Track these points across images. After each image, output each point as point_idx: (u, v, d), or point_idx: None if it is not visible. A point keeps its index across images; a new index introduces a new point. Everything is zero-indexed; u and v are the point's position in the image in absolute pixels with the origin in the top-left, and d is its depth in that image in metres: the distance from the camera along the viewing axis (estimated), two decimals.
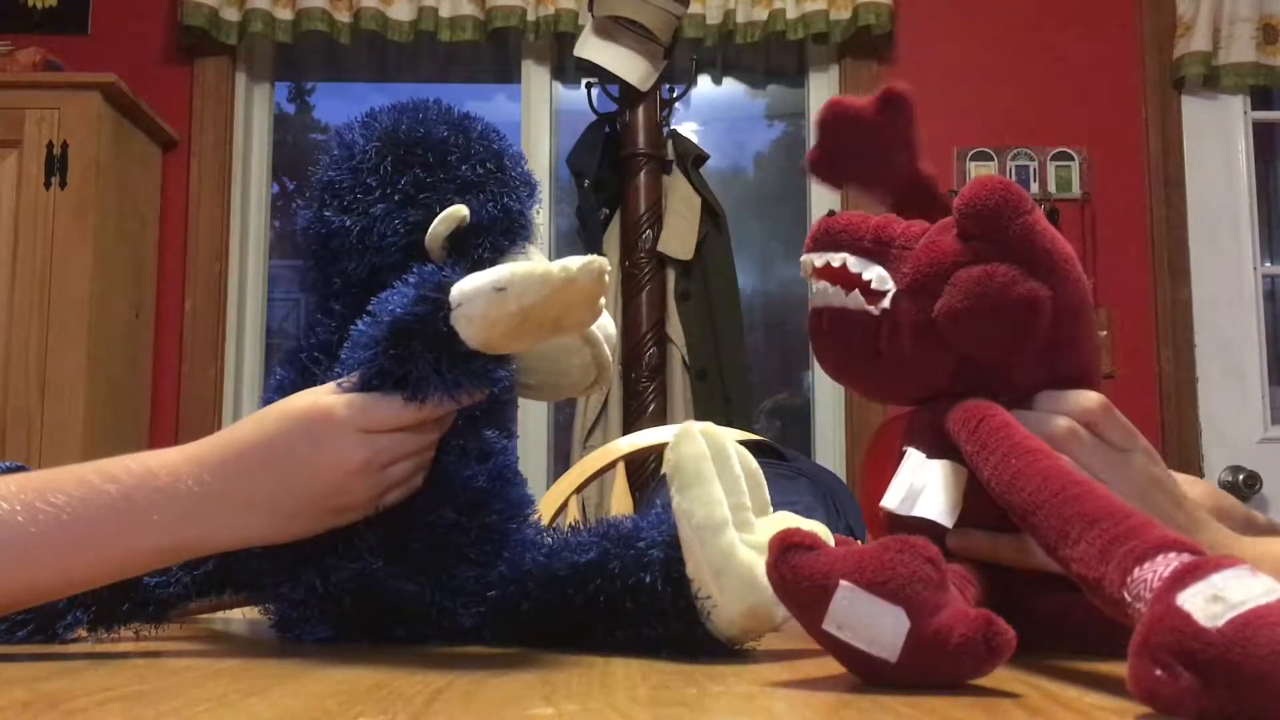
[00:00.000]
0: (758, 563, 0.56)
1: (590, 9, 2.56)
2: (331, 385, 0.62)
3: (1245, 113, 2.80)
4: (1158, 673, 0.37)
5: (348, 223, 0.68)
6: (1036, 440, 0.54)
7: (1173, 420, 2.68)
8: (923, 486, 0.58)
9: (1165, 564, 0.41)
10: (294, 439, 0.60)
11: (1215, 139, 2.78)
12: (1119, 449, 0.60)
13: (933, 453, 0.61)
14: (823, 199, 2.84)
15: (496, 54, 2.94)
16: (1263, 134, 2.88)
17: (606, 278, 0.57)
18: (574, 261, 0.55)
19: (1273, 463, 2.66)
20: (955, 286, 0.57)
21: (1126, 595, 0.42)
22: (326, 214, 0.70)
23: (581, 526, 0.68)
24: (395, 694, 0.44)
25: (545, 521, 1.06)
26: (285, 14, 2.70)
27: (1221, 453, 2.68)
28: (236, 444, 0.61)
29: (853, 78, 2.81)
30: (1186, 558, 0.42)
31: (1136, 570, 0.42)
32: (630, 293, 2.50)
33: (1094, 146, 2.76)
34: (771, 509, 0.63)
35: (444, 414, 0.61)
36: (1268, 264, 2.84)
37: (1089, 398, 0.60)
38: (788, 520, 0.60)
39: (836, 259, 0.62)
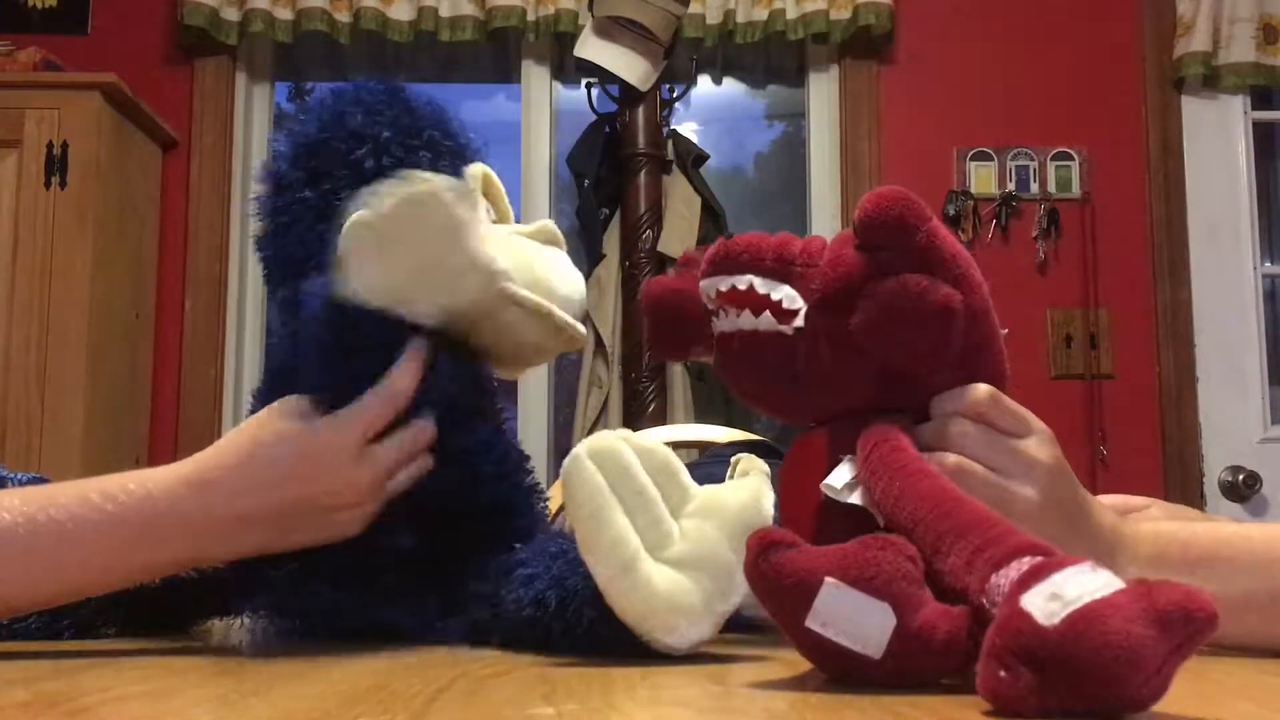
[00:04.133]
0: (679, 580, 0.55)
1: (590, 9, 2.56)
2: (293, 401, 0.63)
3: (1245, 113, 2.80)
4: (1001, 674, 0.38)
5: (289, 245, 0.69)
6: (923, 464, 0.54)
7: (1173, 420, 2.67)
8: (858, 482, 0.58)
9: (1017, 568, 0.42)
10: (295, 460, 0.63)
11: (1215, 139, 2.78)
12: (1012, 435, 0.60)
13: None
14: (823, 199, 2.84)
15: (496, 54, 2.94)
16: (1263, 134, 2.88)
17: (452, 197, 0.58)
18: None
19: (1273, 463, 2.66)
20: (871, 299, 0.56)
21: (985, 602, 0.43)
22: (271, 237, 0.71)
23: (543, 544, 0.66)
24: (395, 694, 0.44)
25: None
26: (285, 14, 2.70)
27: (1221, 453, 2.68)
28: (232, 461, 0.63)
29: (853, 78, 2.81)
30: (1032, 561, 0.42)
31: (993, 577, 0.43)
32: (630, 293, 2.50)
33: (1094, 146, 2.76)
34: (694, 488, 0.61)
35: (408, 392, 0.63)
36: (1268, 264, 2.84)
37: (975, 390, 0.60)
38: (712, 504, 0.59)
39: (742, 282, 0.61)
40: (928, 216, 0.57)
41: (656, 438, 1.56)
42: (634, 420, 2.40)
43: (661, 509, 0.57)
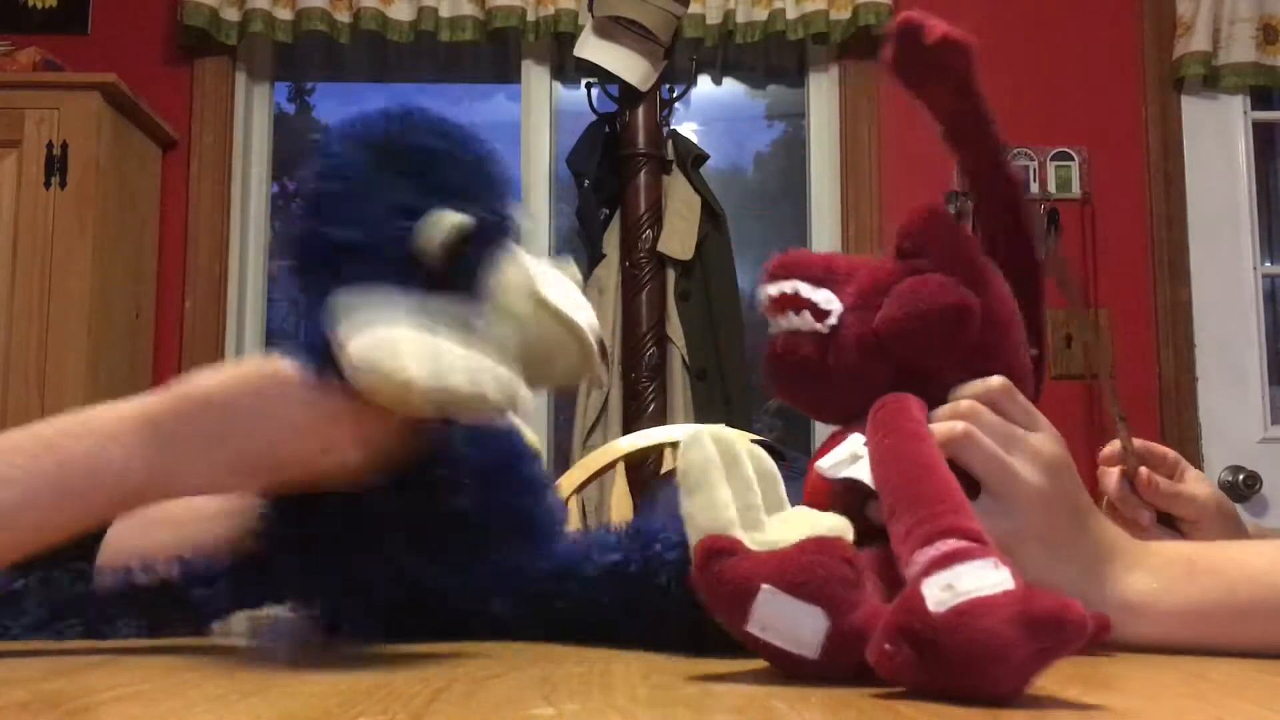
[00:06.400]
0: None
1: (590, 9, 2.56)
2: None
3: (1245, 113, 2.80)
4: (886, 646, 0.43)
5: (346, 234, 0.68)
6: (918, 426, 0.58)
7: (1173, 420, 2.68)
8: (855, 456, 0.61)
9: (936, 549, 0.46)
10: (247, 394, 0.61)
11: (1215, 139, 2.78)
12: (1021, 427, 0.62)
13: None
14: (822, 199, 2.84)
15: (496, 54, 2.94)
16: (1263, 134, 2.88)
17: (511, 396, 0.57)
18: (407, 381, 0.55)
19: (1272, 463, 2.66)
20: (893, 297, 0.63)
21: (908, 575, 0.46)
22: (323, 227, 0.70)
23: (612, 527, 0.68)
24: (395, 694, 0.44)
25: None
26: (285, 14, 2.70)
27: (1221, 453, 2.68)
28: (194, 397, 0.62)
29: (853, 78, 2.81)
30: (953, 544, 0.45)
31: (917, 553, 0.46)
32: (630, 293, 2.50)
33: (1094, 146, 2.76)
34: (787, 502, 0.64)
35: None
36: (1268, 264, 2.84)
37: (993, 380, 0.63)
38: (802, 516, 0.60)
39: (789, 286, 0.67)
40: (958, 228, 0.64)
41: (656, 438, 1.57)
42: (634, 420, 2.40)
43: (759, 498, 0.59)
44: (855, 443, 0.61)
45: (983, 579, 0.42)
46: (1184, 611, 0.60)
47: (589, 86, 2.65)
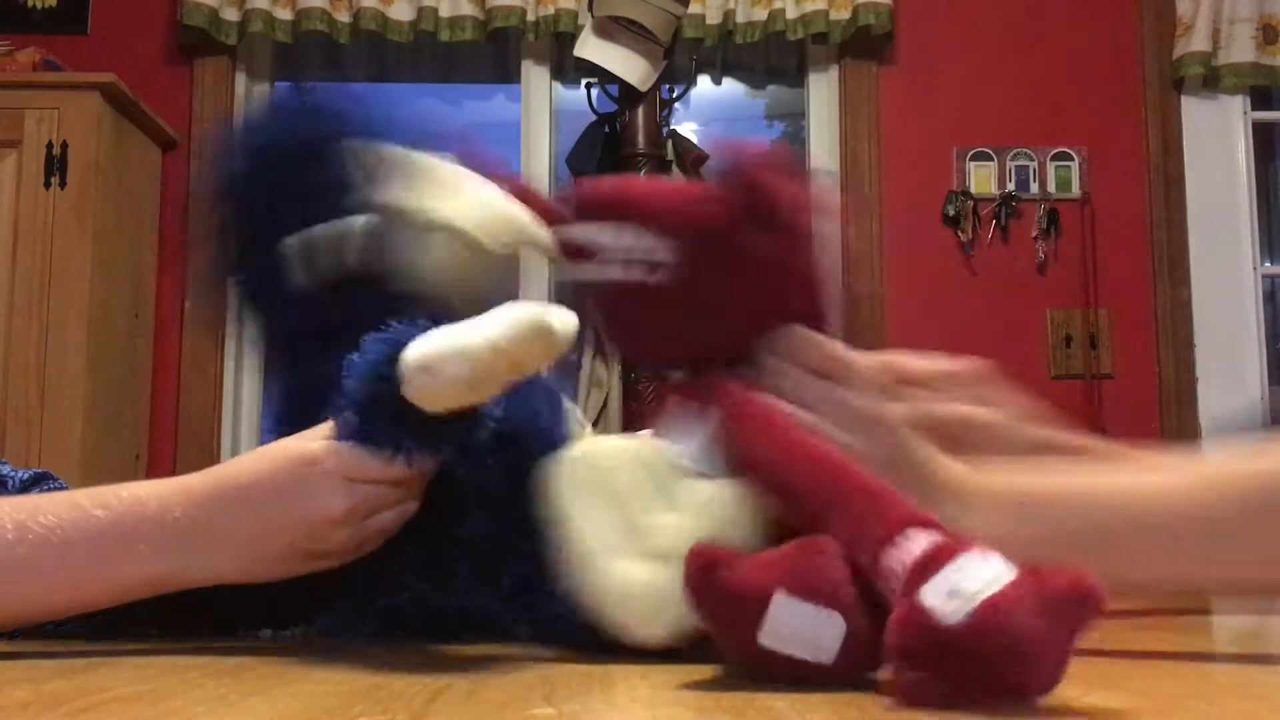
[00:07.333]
0: (644, 574, 0.55)
1: (590, 9, 2.56)
2: (326, 428, 0.62)
3: (1245, 113, 2.80)
4: (910, 676, 0.40)
5: (256, 265, 0.69)
6: (783, 419, 0.55)
7: (1172, 420, 2.68)
8: (705, 449, 0.58)
9: (908, 551, 0.43)
10: (281, 481, 0.61)
11: (1215, 139, 2.78)
12: (840, 382, 0.60)
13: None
14: None
15: (496, 54, 2.94)
16: (1263, 134, 2.88)
17: (552, 325, 0.55)
18: (504, 330, 0.54)
19: None
20: (715, 254, 0.59)
21: (883, 586, 0.44)
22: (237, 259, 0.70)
23: None
24: (395, 694, 0.44)
25: None
26: (285, 14, 2.70)
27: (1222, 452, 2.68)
28: (227, 479, 0.62)
29: (852, 78, 2.81)
30: (923, 541, 0.43)
31: (883, 557, 0.44)
32: None
33: (1094, 146, 2.76)
34: (691, 484, 0.60)
35: (429, 468, 0.61)
36: (1268, 264, 2.84)
37: (803, 336, 0.60)
38: (704, 490, 0.58)
39: (596, 232, 0.61)
40: (791, 174, 0.58)
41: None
42: (634, 420, 2.40)
43: (636, 508, 0.58)
44: (695, 438, 0.58)
45: (982, 574, 0.40)
46: (1016, 544, 0.59)
47: (589, 86, 2.65)
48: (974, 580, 0.40)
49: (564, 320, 0.55)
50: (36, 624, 0.64)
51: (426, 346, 0.55)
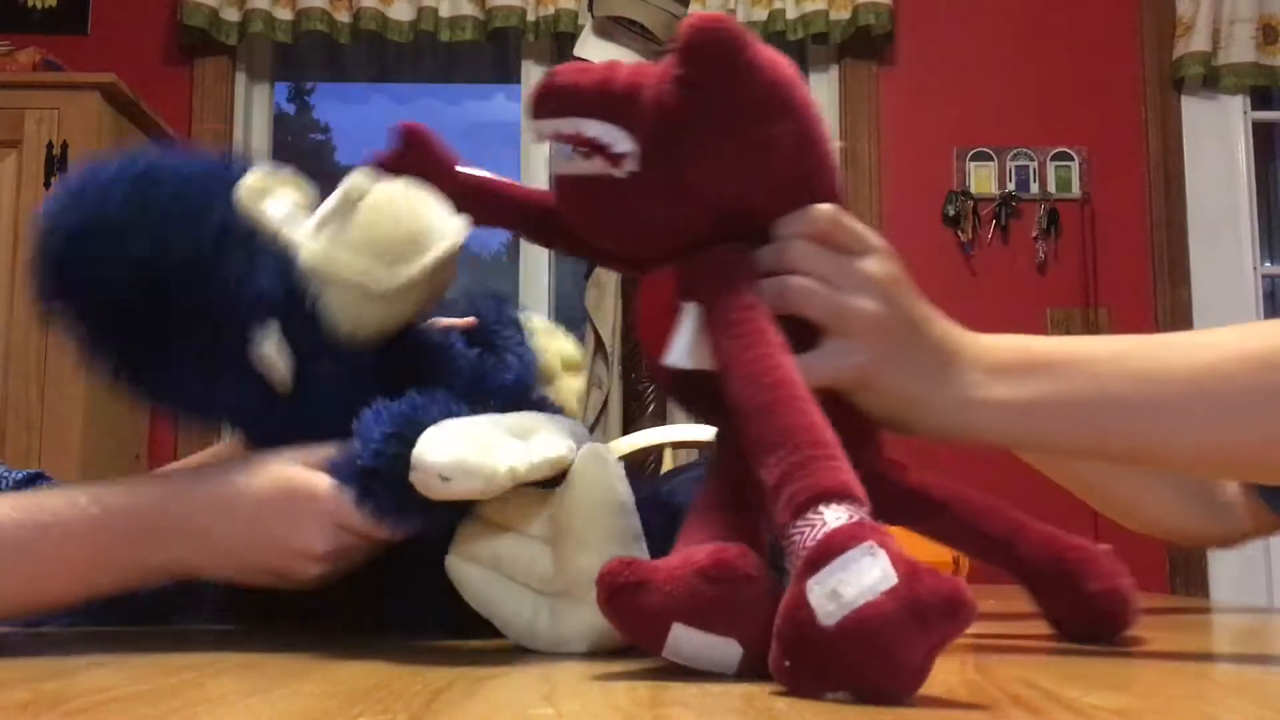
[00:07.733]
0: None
1: (590, 9, 2.56)
2: (329, 453, 0.62)
3: (1245, 113, 2.80)
4: (786, 663, 0.43)
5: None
6: (753, 316, 0.54)
7: None
8: (697, 338, 0.57)
9: (810, 530, 0.44)
10: (279, 508, 0.62)
11: (1215, 139, 2.78)
12: (852, 253, 0.59)
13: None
14: None
15: (496, 54, 2.94)
16: (1262, 134, 2.88)
17: (570, 460, 0.57)
18: (530, 465, 0.56)
19: None
20: (700, 148, 0.55)
21: (788, 558, 0.45)
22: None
23: None
24: (395, 694, 0.44)
25: None
26: (285, 14, 2.70)
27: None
28: (229, 490, 0.63)
29: (852, 78, 2.81)
30: (828, 523, 0.44)
31: (790, 526, 0.45)
32: (630, 292, 2.50)
33: (1094, 146, 2.76)
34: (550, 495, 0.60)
35: (413, 533, 0.62)
36: (1268, 264, 2.84)
37: (816, 210, 0.59)
38: (566, 495, 0.59)
39: (568, 125, 0.58)
40: (745, 45, 0.55)
41: (656, 439, 1.57)
42: (634, 420, 2.40)
43: (523, 564, 0.59)
44: (691, 320, 0.56)
45: (864, 578, 0.41)
46: (1019, 404, 0.59)
47: None
48: (853, 585, 0.41)
49: (588, 456, 0.57)
50: (43, 612, 0.65)
51: (446, 451, 0.55)
